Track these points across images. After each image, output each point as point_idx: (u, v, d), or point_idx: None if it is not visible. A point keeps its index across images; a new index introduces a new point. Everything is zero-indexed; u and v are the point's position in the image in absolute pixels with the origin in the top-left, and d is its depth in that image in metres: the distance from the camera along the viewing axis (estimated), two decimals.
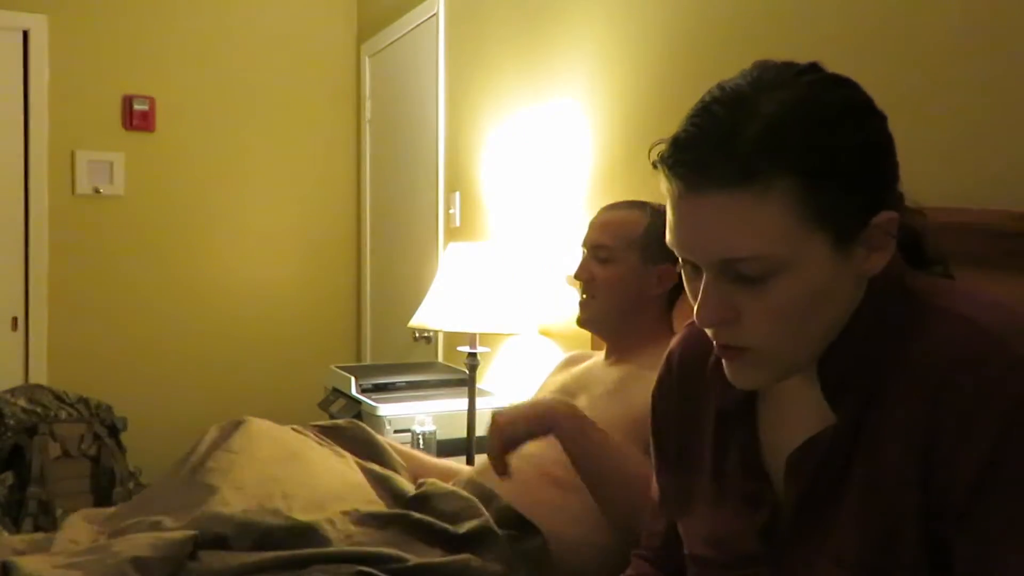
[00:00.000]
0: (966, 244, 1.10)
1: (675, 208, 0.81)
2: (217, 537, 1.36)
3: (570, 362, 1.85)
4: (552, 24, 2.53)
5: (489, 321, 2.39)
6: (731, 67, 0.86)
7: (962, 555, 0.74)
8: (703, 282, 0.81)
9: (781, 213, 0.76)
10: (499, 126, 2.85)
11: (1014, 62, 1.29)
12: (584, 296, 1.70)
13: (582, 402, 1.61)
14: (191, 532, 1.37)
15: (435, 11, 3.29)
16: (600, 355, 1.75)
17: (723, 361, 0.86)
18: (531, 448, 1.57)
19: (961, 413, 0.74)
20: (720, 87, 0.81)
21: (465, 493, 1.52)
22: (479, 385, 2.56)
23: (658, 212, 1.73)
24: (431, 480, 1.60)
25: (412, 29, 3.56)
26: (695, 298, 0.83)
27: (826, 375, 0.84)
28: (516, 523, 1.47)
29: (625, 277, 1.65)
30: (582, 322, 1.72)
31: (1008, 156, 1.30)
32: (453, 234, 3.15)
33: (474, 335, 2.44)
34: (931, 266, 0.90)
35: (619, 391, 1.56)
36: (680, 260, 0.85)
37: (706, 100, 0.81)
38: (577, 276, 1.70)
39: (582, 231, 1.76)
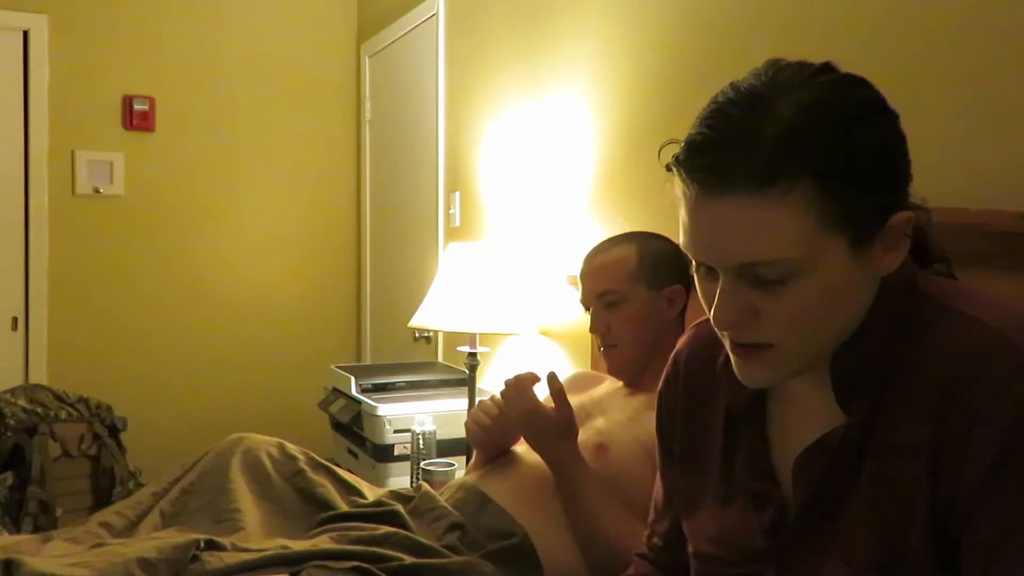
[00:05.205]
0: (966, 244, 1.10)
1: (692, 212, 0.80)
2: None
3: (583, 382, 1.82)
4: (552, 23, 2.53)
5: (489, 321, 2.39)
6: (733, 60, 0.86)
7: (968, 553, 0.74)
8: (720, 285, 0.81)
9: (801, 216, 0.76)
10: (499, 126, 2.85)
11: (1014, 61, 1.29)
12: (605, 347, 1.67)
13: (599, 424, 1.62)
14: (193, 537, 1.38)
15: (435, 11, 3.29)
16: (616, 381, 1.74)
17: (733, 360, 0.86)
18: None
19: (970, 413, 0.74)
20: (734, 88, 0.80)
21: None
22: (479, 385, 2.56)
23: (644, 237, 1.73)
24: (425, 490, 1.60)
25: (412, 29, 3.56)
26: (709, 300, 0.82)
27: (837, 375, 0.84)
28: (505, 530, 1.48)
29: (641, 312, 1.63)
30: (613, 372, 1.70)
31: (1008, 156, 1.30)
32: (453, 234, 3.15)
33: (474, 335, 2.44)
34: (935, 264, 0.90)
35: (637, 418, 1.56)
36: (694, 263, 0.84)
37: (720, 101, 0.80)
38: (594, 330, 1.67)
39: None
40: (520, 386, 1.54)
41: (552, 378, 1.54)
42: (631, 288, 1.64)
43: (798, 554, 0.86)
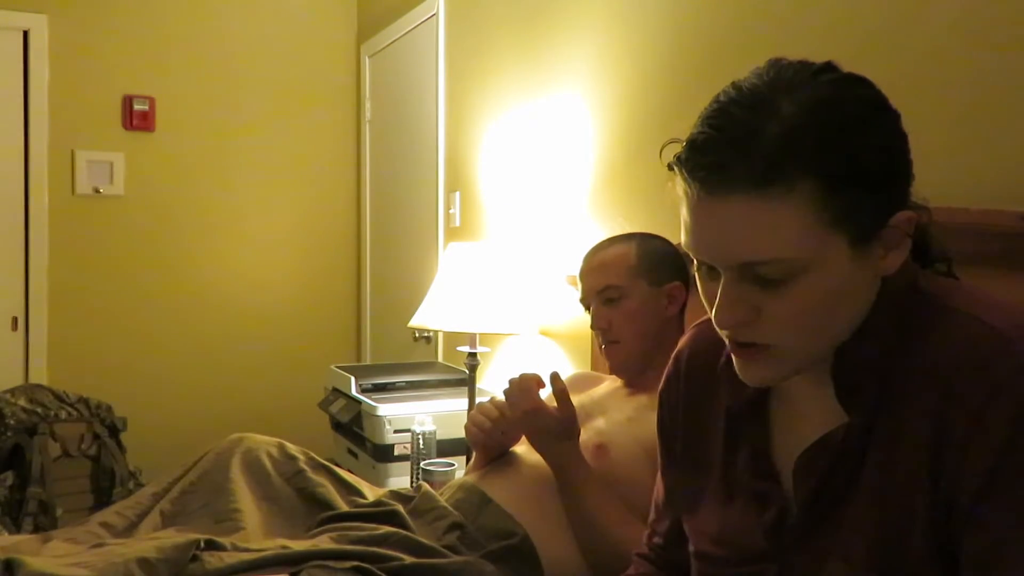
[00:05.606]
0: (966, 244, 1.10)
1: (693, 211, 0.80)
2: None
3: (583, 382, 1.81)
4: (552, 22, 2.53)
5: (489, 321, 2.39)
6: (733, 60, 0.85)
7: (969, 554, 0.74)
8: (721, 284, 0.81)
9: (802, 216, 0.76)
10: (499, 126, 2.85)
11: (1014, 61, 1.29)
12: (606, 344, 1.67)
13: (599, 424, 1.62)
14: (193, 537, 1.38)
15: (435, 11, 3.30)
16: (616, 381, 1.74)
17: (735, 359, 0.86)
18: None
19: (971, 414, 0.74)
20: (736, 87, 0.80)
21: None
22: (479, 385, 2.56)
23: (643, 235, 1.74)
24: (425, 490, 1.60)
25: (412, 29, 3.56)
26: (711, 300, 0.82)
27: (839, 375, 0.84)
28: (505, 530, 1.48)
29: (641, 308, 1.64)
30: (614, 369, 1.70)
31: (1008, 156, 1.30)
32: (453, 234, 3.15)
33: (474, 335, 2.44)
34: (935, 263, 0.90)
35: (637, 418, 1.56)
36: (695, 263, 0.84)
37: (722, 100, 0.80)
38: (595, 327, 1.67)
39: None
40: (524, 385, 1.54)
41: (555, 378, 1.54)
42: (631, 283, 1.64)
43: (799, 554, 0.86)
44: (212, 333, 3.93)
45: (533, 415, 1.51)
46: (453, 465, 2.03)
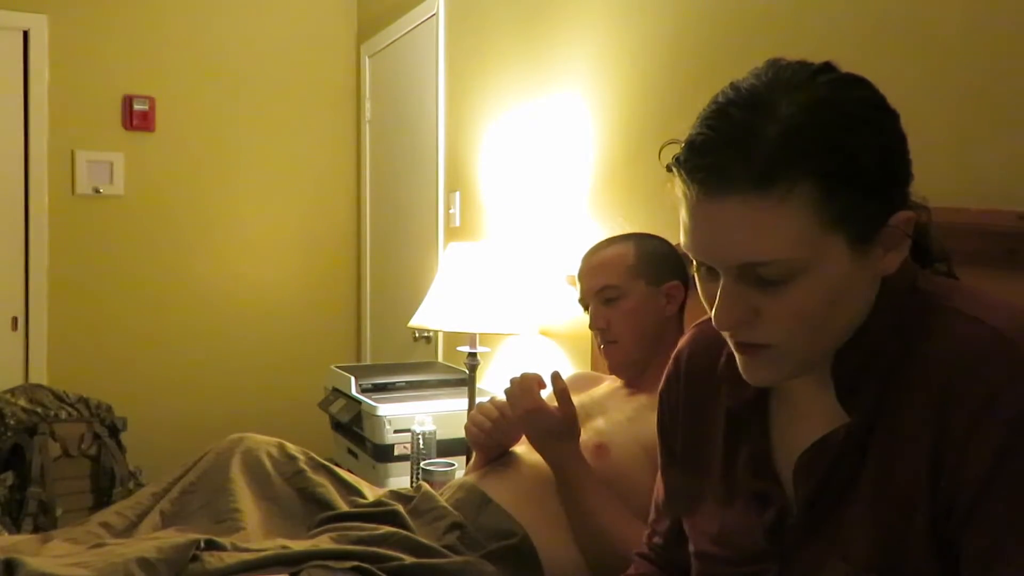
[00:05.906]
0: (966, 244, 1.10)
1: (692, 213, 0.80)
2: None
3: (583, 382, 1.81)
4: (552, 22, 2.53)
5: (489, 321, 2.39)
6: (733, 60, 0.85)
7: (968, 554, 0.75)
8: (721, 285, 0.81)
9: (802, 216, 0.76)
10: (499, 126, 2.85)
11: (1014, 62, 1.29)
12: (605, 344, 1.67)
13: (599, 424, 1.61)
14: (193, 537, 1.38)
15: (435, 11, 3.30)
16: (616, 381, 1.74)
17: (738, 358, 0.86)
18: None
19: (970, 415, 0.74)
20: (734, 87, 0.80)
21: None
22: (479, 385, 2.56)
23: (641, 236, 1.74)
24: (425, 490, 1.60)
25: (412, 29, 3.56)
26: (711, 300, 0.83)
27: (839, 375, 0.84)
28: (505, 530, 1.48)
29: (640, 307, 1.64)
30: (613, 369, 1.70)
31: (1008, 156, 1.30)
32: (453, 234, 3.15)
33: (474, 335, 2.44)
34: (935, 263, 0.90)
35: (637, 418, 1.56)
36: (694, 264, 0.84)
37: (720, 101, 0.80)
38: (594, 326, 1.67)
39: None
40: (525, 384, 1.54)
41: (556, 377, 1.54)
42: (630, 283, 1.65)
43: (799, 554, 0.86)
44: (212, 333, 3.93)
45: (534, 415, 1.50)
46: (453, 465, 2.03)
